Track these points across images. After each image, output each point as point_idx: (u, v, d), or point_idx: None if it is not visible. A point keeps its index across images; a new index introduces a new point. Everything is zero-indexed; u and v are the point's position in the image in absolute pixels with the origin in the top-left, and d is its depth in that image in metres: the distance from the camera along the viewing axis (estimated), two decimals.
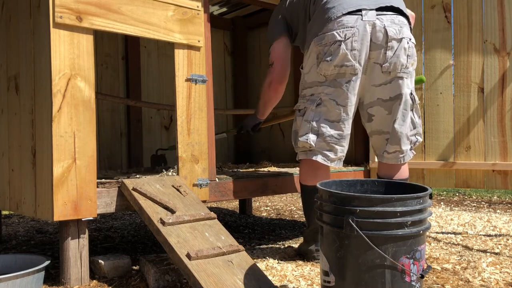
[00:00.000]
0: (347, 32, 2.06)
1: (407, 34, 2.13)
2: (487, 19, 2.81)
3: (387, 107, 2.20)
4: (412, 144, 2.28)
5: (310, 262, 2.30)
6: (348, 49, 2.06)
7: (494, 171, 2.77)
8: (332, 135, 2.14)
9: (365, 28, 2.07)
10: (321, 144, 2.15)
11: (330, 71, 2.11)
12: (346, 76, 2.10)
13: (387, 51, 2.09)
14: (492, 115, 2.80)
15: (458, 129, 2.92)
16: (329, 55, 2.09)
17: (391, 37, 2.08)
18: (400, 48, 2.09)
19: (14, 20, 2.18)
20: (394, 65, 2.10)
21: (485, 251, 2.56)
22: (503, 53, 2.76)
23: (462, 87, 2.90)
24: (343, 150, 2.19)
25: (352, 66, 2.08)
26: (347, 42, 2.06)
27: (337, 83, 2.11)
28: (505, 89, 2.76)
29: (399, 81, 2.14)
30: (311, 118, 2.17)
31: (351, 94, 2.12)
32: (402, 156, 2.27)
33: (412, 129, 2.25)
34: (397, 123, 2.20)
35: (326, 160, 2.17)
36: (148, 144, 3.66)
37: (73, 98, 1.90)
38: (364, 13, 2.08)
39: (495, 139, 2.78)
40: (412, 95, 2.21)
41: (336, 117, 2.14)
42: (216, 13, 4.14)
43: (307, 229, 2.38)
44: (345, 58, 2.07)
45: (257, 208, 4.78)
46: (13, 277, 1.68)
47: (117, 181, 2.06)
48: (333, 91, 2.12)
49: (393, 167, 2.32)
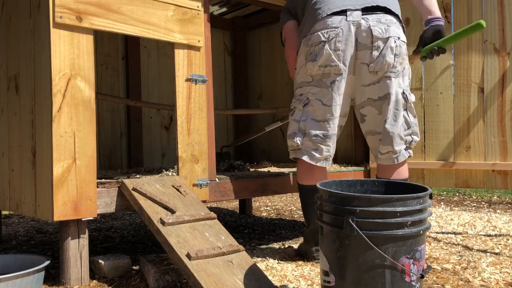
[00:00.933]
0: (331, 33, 2.08)
1: (394, 33, 2.11)
2: (487, 19, 2.81)
3: (377, 107, 2.19)
4: (407, 144, 2.25)
5: (310, 262, 2.30)
6: (332, 49, 2.07)
7: (494, 171, 2.77)
8: (318, 135, 2.15)
9: (350, 28, 2.08)
10: (307, 144, 2.17)
11: (315, 71, 2.13)
12: (331, 76, 2.12)
13: (373, 51, 2.09)
14: (492, 115, 2.80)
15: (458, 129, 2.92)
16: (314, 55, 2.12)
17: (377, 37, 2.07)
18: (386, 48, 2.08)
19: (14, 20, 2.18)
20: (381, 64, 2.10)
21: (485, 251, 2.55)
22: (503, 53, 2.76)
23: (462, 87, 2.90)
24: (328, 150, 2.18)
25: (336, 66, 2.09)
26: (331, 42, 2.08)
27: (322, 83, 2.13)
28: (505, 89, 2.76)
29: (387, 81, 2.14)
30: (299, 117, 2.19)
31: (336, 94, 2.13)
32: (396, 156, 2.24)
33: (406, 128, 2.22)
34: (388, 123, 2.19)
35: (311, 159, 2.18)
36: (148, 144, 3.66)
37: (73, 98, 1.90)
38: (349, 14, 2.09)
39: (495, 139, 2.78)
40: (404, 94, 2.19)
41: (321, 117, 2.15)
42: (216, 13, 4.14)
43: (306, 229, 2.39)
44: (329, 58, 2.08)
45: (257, 208, 4.78)
46: (13, 277, 1.68)
47: (117, 181, 2.06)
48: (319, 91, 2.14)
49: (390, 168, 2.31)
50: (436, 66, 3.01)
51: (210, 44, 2.35)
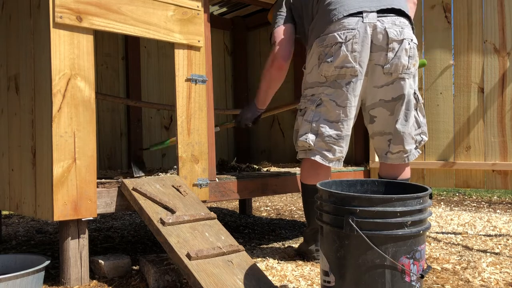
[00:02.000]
0: (348, 34, 2.07)
1: (408, 35, 2.12)
2: (487, 19, 2.81)
3: (389, 108, 2.20)
4: (417, 144, 2.27)
5: (310, 262, 2.30)
6: (349, 51, 2.07)
7: (494, 171, 2.77)
8: (331, 135, 2.14)
9: (366, 30, 2.08)
10: (320, 144, 2.16)
11: (330, 72, 2.11)
12: (346, 78, 2.11)
13: (388, 53, 2.09)
14: (492, 115, 2.80)
15: (458, 129, 2.92)
16: (329, 56, 2.10)
17: (392, 39, 2.08)
18: (401, 50, 2.10)
19: (14, 20, 2.18)
20: (396, 66, 2.11)
21: (485, 251, 2.55)
22: (503, 53, 2.76)
23: (462, 87, 2.90)
24: (341, 151, 2.18)
25: (352, 68, 2.09)
26: (348, 44, 2.07)
27: (337, 84, 2.12)
28: (505, 89, 2.76)
29: (401, 82, 2.14)
30: (311, 118, 2.18)
31: (351, 95, 2.12)
32: (407, 155, 2.26)
33: (417, 128, 2.24)
34: (399, 123, 2.19)
35: (324, 160, 2.17)
36: (148, 144, 3.66)
37: (73, 98, 1.90)
38: (365, 15, 2.08)
39: (495, 139, 2.78)
40: (415, 94, 2.20)
41: (335, 118, 2.14)
42: (216, 13, 4.14)
43: (307, 229, 2.38)
44: (346, 59, 2.08)
45: (257, 208, 4.78)
46: (13, 277, 1.68)
47: (117, 181, 2.06)
48: (333, 92, 2.13)
49: (397, 167, 2.32)
50: (436, 66, 3.01)
51: (210, 44, 2.35)
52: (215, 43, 4.02)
